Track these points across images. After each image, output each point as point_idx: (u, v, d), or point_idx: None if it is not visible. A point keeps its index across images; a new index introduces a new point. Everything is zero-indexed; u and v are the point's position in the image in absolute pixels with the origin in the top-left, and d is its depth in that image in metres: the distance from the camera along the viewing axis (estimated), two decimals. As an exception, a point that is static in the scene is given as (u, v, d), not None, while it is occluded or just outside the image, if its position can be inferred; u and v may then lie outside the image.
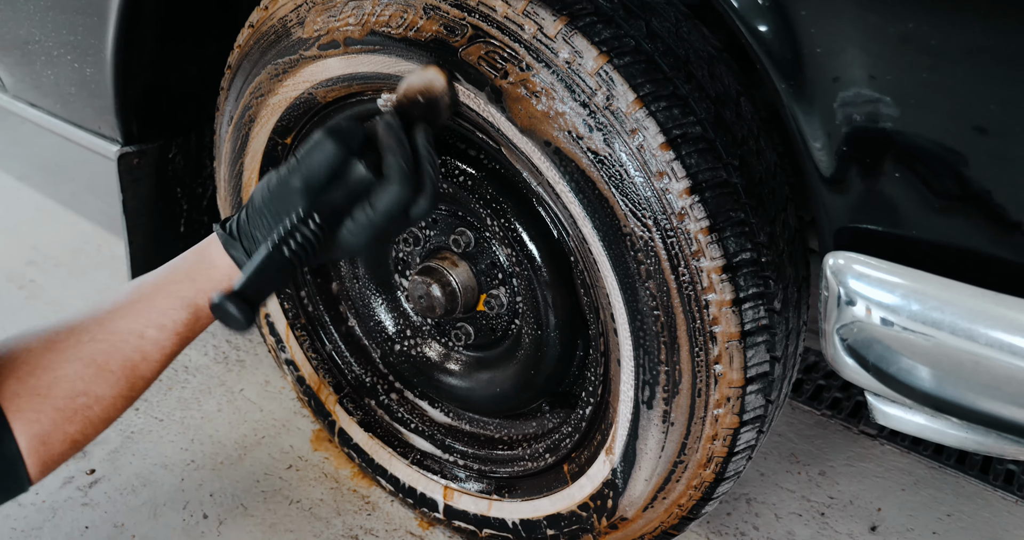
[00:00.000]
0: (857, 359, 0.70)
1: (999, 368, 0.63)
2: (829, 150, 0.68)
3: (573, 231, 0.87)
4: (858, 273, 0.69)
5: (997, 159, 0.62)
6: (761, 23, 0.68)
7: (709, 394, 0.87)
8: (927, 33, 0.60)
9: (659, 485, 0.97)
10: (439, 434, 1.29)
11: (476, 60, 0.84)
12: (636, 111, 0.79)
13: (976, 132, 0.62)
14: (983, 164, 0.63)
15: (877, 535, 1.40)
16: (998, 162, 0.62)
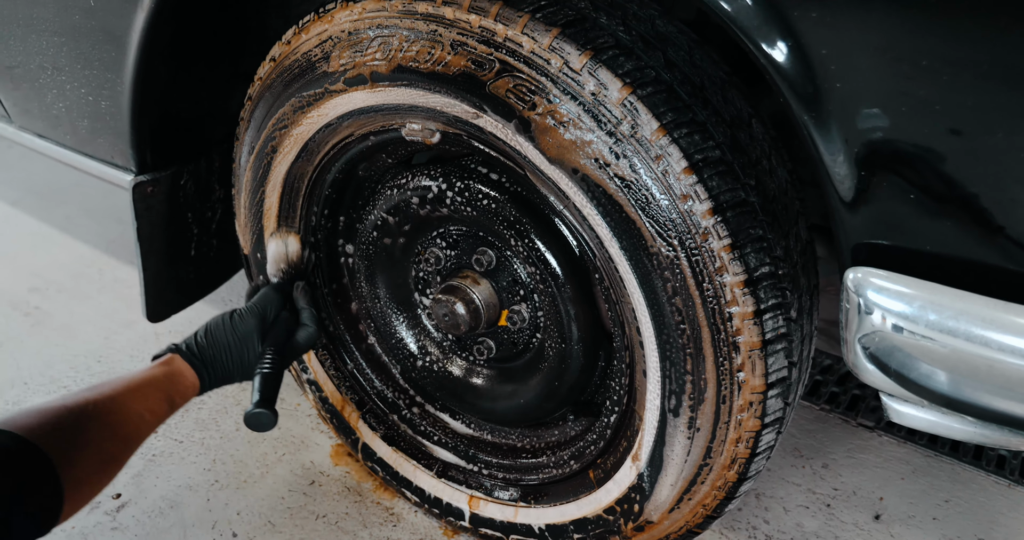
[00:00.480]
0: (879, 366, 0.76)
1: (1011, 370, 0.69)
2: (847, 175, 0.73)
3: (600, 251, 0.92)
4: (877, 286, 0.74)
5: (1002, 178, 0.68)
6: (778, 52, 0.73)
7: (733, 400, 0.92)
8: (938, 56, 0.65)
9: (685, 487, 1.02)
10: (462, 445, 1.33)
11: (504, 93, 0.89)
12: (660, 138, 0.84)
13: (983, 154, 0.68)
14: (990, 184, 0.68)
15: (881, 523, 1.47)
16: (1003, 181, 0.68)
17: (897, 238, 0.75)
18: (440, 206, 1.11)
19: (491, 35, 0.89)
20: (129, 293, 2.04)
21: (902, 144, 0.70)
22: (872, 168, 0.73)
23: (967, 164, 0.69)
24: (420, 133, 1.02)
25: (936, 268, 0.73)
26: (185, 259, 1.60)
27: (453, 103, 0.93)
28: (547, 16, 0.87)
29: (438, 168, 1.10)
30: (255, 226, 1.26)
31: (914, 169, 0.71)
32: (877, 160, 0.72)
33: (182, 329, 1.88)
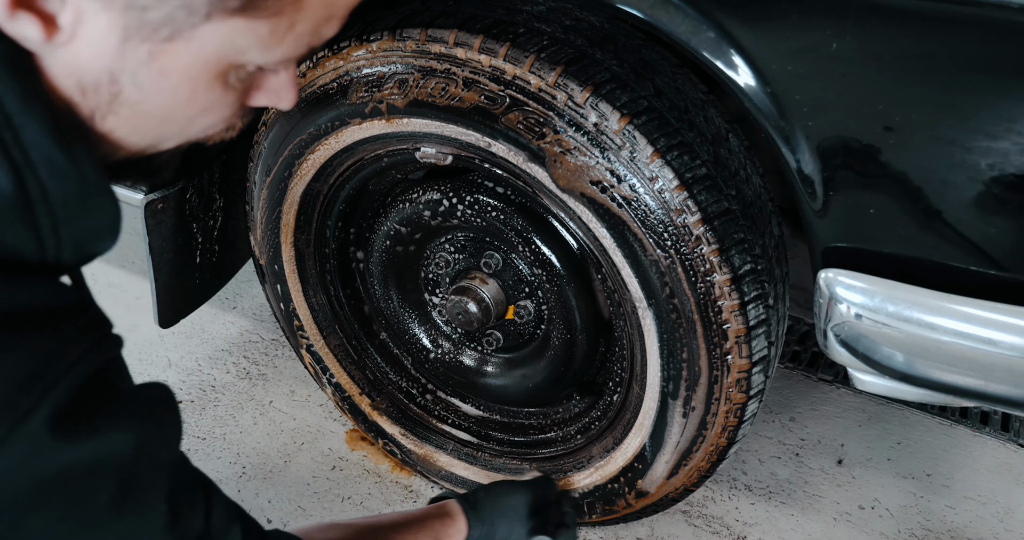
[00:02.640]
0: (848, 349, 0.92)
1: (954, 350, 0.85)
2: (816, 192, 0.88)
3: (604, 259, 1.05)
4: (844, 284, 0.90)
5: (945, 193, 0.83)
6: (742, 75, 0.85)
7: (723, 380, 1.08)
8: (896, 85, 0.79)
9: (681, 456, 1.18)
10: (474, 426, 1.47)
11: (515, 125, 1.00)
12: (654, 161, 0.97)
13: (931, 171, 0.82)
14: (935, 197, 0.83)
15: (843, 467, 1.67)
16: (945, 195, 0.83)
17: (861, 243, 0.90)
18: (451, 218, 1.23)
19: (501, 73, 1.00)
20: (126, 297, 2.10)
21: (858, 163, 0.84)
22: (835, 185, 0.87)
23: (916, 180, 0.83)
24: (434, 156, 1.13)
25: (894, 268, 0.89)
26: (191, 266, 1.68)
27: (467, 133, 1.04)
28: (551, 55, 0.99)
29: (448, 184, 1.21)
30: (272, 241, 1.36)
31: (871, 185, 0.85)
32: (839, 178, 0.86)
33: (183, 329, 1.96)
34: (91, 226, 0.56)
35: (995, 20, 0.69)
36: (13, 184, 0.50)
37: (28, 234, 0.53)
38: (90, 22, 0.49)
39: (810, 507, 1.57)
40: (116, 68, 0.52)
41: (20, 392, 0.51)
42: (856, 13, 0.75)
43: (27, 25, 0.48)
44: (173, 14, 0.50)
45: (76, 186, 0.53)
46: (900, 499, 1.59)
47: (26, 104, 0.50)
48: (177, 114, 0.56)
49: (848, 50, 0.77)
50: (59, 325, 0.55)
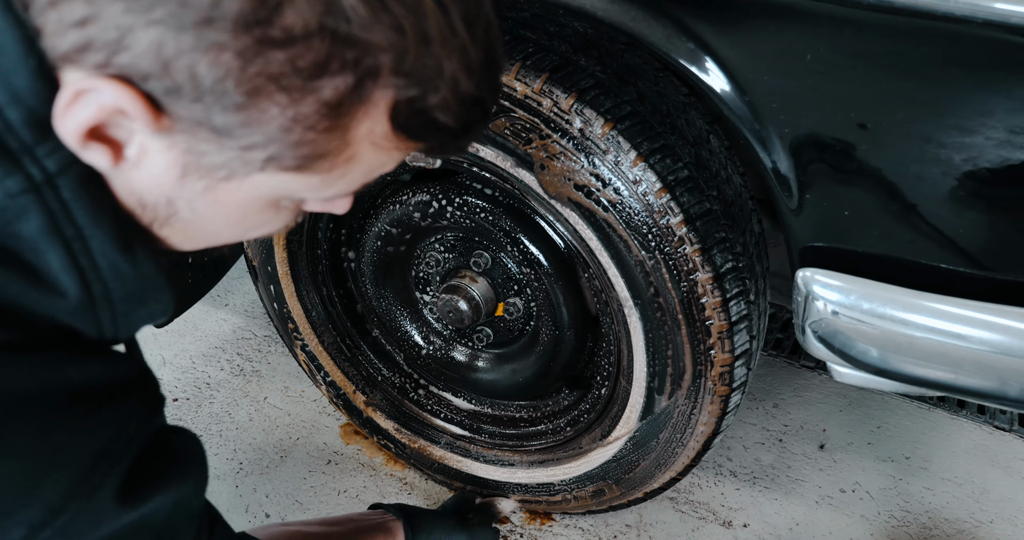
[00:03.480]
0: (825, 344, 0.96)
1: (924, 345, 0.89)
2: (792, 194, 0.91)
3: (591, 259, 1.09)
4: (821, 282, 0.93)
5: (916, 195, 0.86)
6: (716, 80, 0.88)
7: (707, 374, 1.11)
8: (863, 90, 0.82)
9: (668, 447, 1.22)
10: (466, 419, 1.50)
11: (503, 131, 1.03)
12: (638, 165, 1.01)
13: (901, 174, 0.86)
14: (907, 199, 0.87)
15: (825, 451, 1.72)
16: (916, 196, 0.86)
17: (836, 243, 0.93)
18: (440, 219, 1.26)
19: (487, 81, 1.02)
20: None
21: (831, 165, 0.88)
22: (810, 187, 0.90)
23: (888, 182, 0.87)
24: (423, 160, 1.15)
25: (869, 266, 0.93)
26: (184, 266, 1.71)
27: (455, 138, 1.07)
28: (536, 63, 1.01)
29: (437, 185, 1.24)
30: (265, 243, 1.38)
31: (844, 187, 0.89)
32: (813, 180, 0.90)
33: (177, 327, 1.98)
34: (146, 314, 0.61)
35: (959, 33, 0.72)
36: (79, 286, 0.55)
37: (89, 325, 0.58)
38: (153, 156, 0.53)
39: (793, 491, 1.62)
40: (174, 196, 0.56)
41: (93, 468, 0.57)
42: (828, 24, 0.78)
43: (97, 154, 0.52)
44: (230, 163, 0.53)
45: (135, 284, 0.58)
46: (880, 482, 1.65)
47: (96, 219, 0.55)
48: (229, 231, 0.60)
49: (821, 58, 0.80)
50: (125, 398, 0.61)
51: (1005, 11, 0.69)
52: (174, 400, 1.79)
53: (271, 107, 0.50)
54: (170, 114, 0.50)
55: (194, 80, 0.48)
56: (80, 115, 0.50)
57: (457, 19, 0.52)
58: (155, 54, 0.48)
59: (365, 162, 0.56)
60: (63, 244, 0.54)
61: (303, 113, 0.51)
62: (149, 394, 0.63)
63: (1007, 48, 0.71)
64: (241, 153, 0.52)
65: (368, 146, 0.54)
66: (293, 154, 0.53)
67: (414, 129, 0.55)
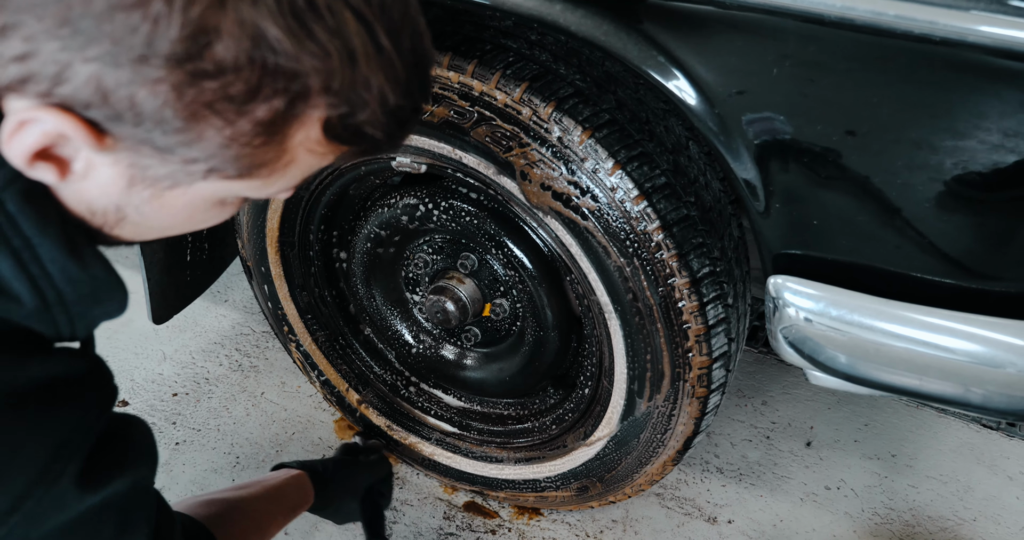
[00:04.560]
0: (795, 350, 0.98)
1: (891, 351, 0.91)
2: (762, 204, 0.93)
3: (572, 264, 1.11)
4: (792, 290, 0.96)
5: (879, 208, 0.88)
6: (686, 93, 0.90)
7: (685, 377, 1.14)
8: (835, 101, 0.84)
9: (649, 446, 1.25)
10: (455, 416, 1.53)
11: (483, 138, 1.05)
12: (615, 172, 1.03)
13: (867, 187, 0.88)
14: (871, 211, 0.89)
15: (812, 449, 1.74)
16: (880, 209, 0.88)
17: (806, 250, 0.95)
18: (427, 222, 1.28)
19: (469, 90, 1.04)
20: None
21: (798, 177, 0.90)
22: (779, 197, 0.92)
23: (853, 194, 0.89)
24: (409, 165, 1.18)
25: (838, 274, 0.95)
26: (182, 265, 1.74)
27: (439, 145, 1.09)
28: (516, 72, 1.03)
29: (424, 189, 1.26)
30: (258, 244, 1.41)
31: (812, 198, 0.91)
32: (782, 191, 0.92)
33: (177, 323, 2.02)
34: (101, 312, 0.64)
35: (918, 50, 0.74)
36: (31, 293, 0.59)
37: (47, 327, 0.61)
38: (100, 170, 0.57)
39: (778, 488, 1.65)
40: (122, 203, 0.60)
41: (55, 458, 0.62)
42: (794, 39, 0.80)
43: (44, 171, 0.56)
44: (174, 174, 0.57)
45: (88, 287, 0.61)
46: (865, 479, 1.67)
47: (42, 228, 0.58)
48: (176, 228, 0.65)
49: (786, 72, 0.82)
50: (82, 392, 0.65)
51: (961, 29, 0.70)
52: (173, 395, 1.83)
53: (208, 129, 0.53)
54: (113, 135, 0.54)
55: (134, 108, 0.52)
56: (25, 141, 0.53)
57: (382, 34, 0.54)
58: (95, 86, 0.51)
59: (302, 164, 0.60)
60: (12, 254, 0.57)
61: (240, 132, 0.54)
62: (104, 387, 0.68)
63: (963, 65, 0.73)
64: (184, 166, 0.56)
65: (304, 152, 0.58)
66: (233, 165, 0.56)
67: (347, 138, 0.58)
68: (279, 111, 0.53)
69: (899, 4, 0.71)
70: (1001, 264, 0.85)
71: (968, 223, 0.85)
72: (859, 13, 0.73)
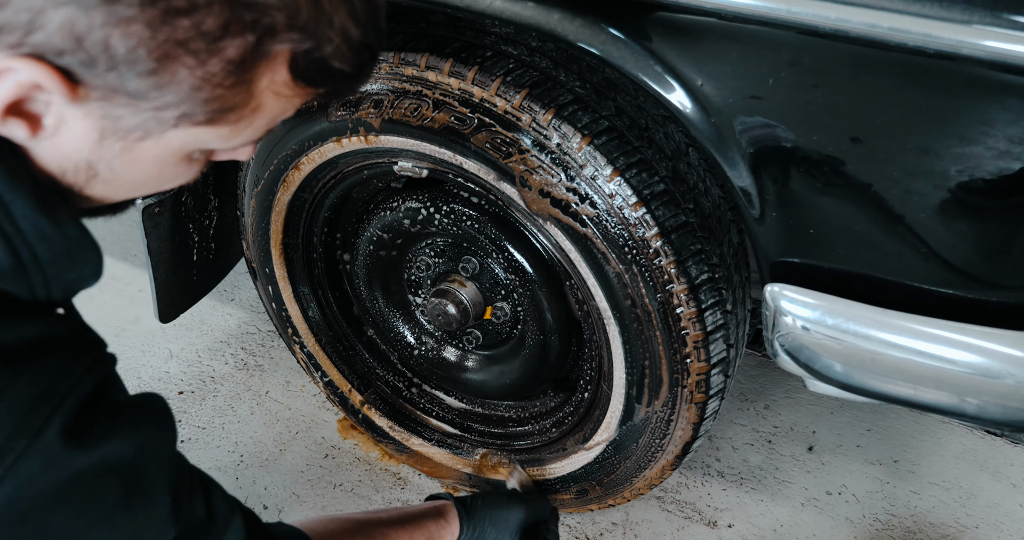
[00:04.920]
0: (792, 358, 0.98)
1: (887, 361, 0.91)
2: (761, 212, 0.94)
3: (572, 270, 1.12)
4: (788, 298, 0.96)
5: (875, 218, 0.88)
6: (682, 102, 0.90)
7: (683, 383, 1.14)
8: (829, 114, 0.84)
9: (647, 451, 1.25)
10: (457, 418, 1.54)
11: (483, 145, 1.06)
12: (614, 179, 1.03)
13: (860, 199, 0.88)
14: (867, 221, 0.89)
15: (814, 453, 1.74)
16: (875, 219, 0.88)
17: (802, 259, 0.96)
18: (429, 225, 1.29)
19: (469, 96, 1.05)
20: (128, 290, 2.18)
21: (794, 187, 0.90)
22: (775, 206, 0.93)
23: (849, 202, 0.89)
24: (410, 170, 1.19)
25: (835, 282, 0.95)
26: (189, 264, 1.75)
27: (440, 150, 1.10)
28: (516, 79, 1.04)
29: (426, 193, 1.27)
30: (263, 246, 1.42)
31: (807, 207, 0.91)
32: (778, 200, 0.92)
33: (184, 321, 2.04)
34: (76, 275, 0.64)
35: (911, 62, 0.74)
36: (5, 251, 0.59)
37: (21, 288, 0.61)
38: (71, 123, 0.58)
39: (779, 493, 1.65)
40: (93, 159, 0.61)
41: (33, 411, 0.60)
42: (790, 50, 0.80)
43: (15, 127, 0.57)
44: (145, 123, 0.59)
45: (62, 247, 0.61)
46: (867, 485, 1.67)
47: (13, 184, 0.58)
48: (147, 184, 0.65)
49: (782, 82, 0.82)
50: (61, 351, 0.63)
51: (954, 41, 0.71)
52: (179, 393, 1.85)
53: (181, 69, 0.55)
54: (85, 84, 0.55)
55: (107, 52, 0.53)
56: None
57: None
58: (68, 31, 0.52)
59: (268, 111, 0.62)
60: None
61: (211, 72, 0.56)
62: (89, 347, 0.66)
63: (957, 76, 0.73)
64: (155, 113, 0.58)
65: (271, 96, 0.60)
66: (204, 109, 0.58)
67: (312, 77, 0.61)
68: (248, 48, 0.56)
69: (893, 17, 0.71)
70: (995, 274, 0.85)
71: (964, 232, 0.85)
72: (853, 25, 0.73)
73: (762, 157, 0.87)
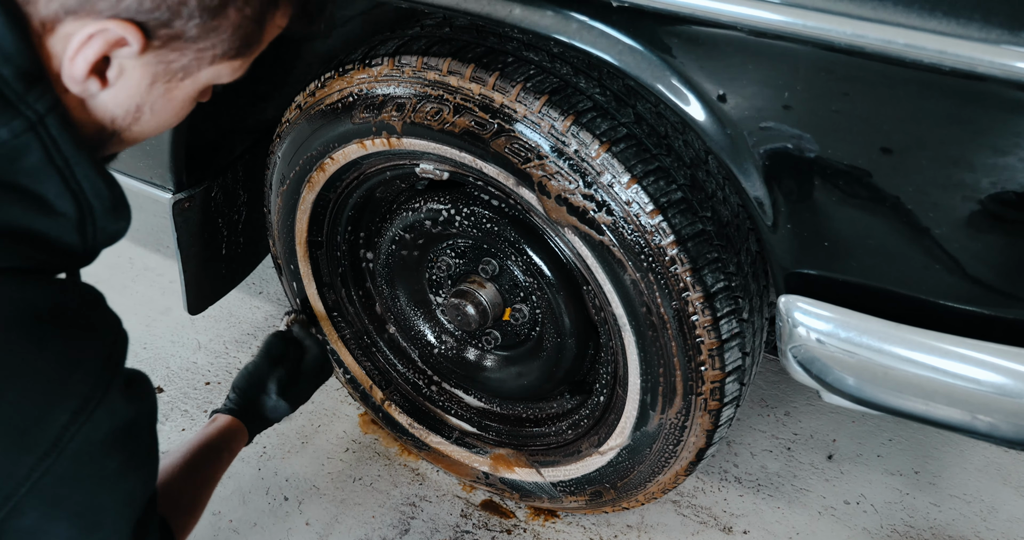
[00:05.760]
0: (804, 370, 0.98)
1: (899, 376, 0.91)
2: (776, 224, 0.94)
3: (589, 276, 1.13)
4: (802, 309, 0.96)
5: (888, 232, 0.88)
6: (710, 121, 0.90)
7: (697, 390, 1.15)
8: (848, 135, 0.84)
9: (661, 457, 1.26)
10: (475, 416, 1.56)
11: (503, 149, 1.07)
12: (631, 186, 1.04)
13: (875, 214, 0.88)
14: (881, 235, 0.89)
15: (833, 462, 1.73)
16: (889, 233, 0.88)
17: (817, 271, 0.95)
18: (449, 226, 1.31)
19: (490, 101, 1.06)
20: (160, 281, 2.23)
21: (809, 200, 0.90)
22: (790, 218, 0.93)
23: (863, 215, 0.89)
24: (432, 172, 1.20)
25: (850, 295, 0.95)
26: (217, 258, 1.79)
27: (460, 154, 1.12)
28: (536, 85, 1.05)
29: (447, 195, 1.29)
30: (288, 243, 1.45)
31: (821, 220, 0.91)
32: (793, 213, 0.92)
33: (213, 313, 2.09)
34: (116, 229, 0.75)
35: (925, 79, 0.74)
36: (74, 206, 0.70)
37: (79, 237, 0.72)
38: (129, 73, 0.69)
39: (796, 501, 1.64)
40: (142, 102, 0.72)
41: (105, 367, 0.72)
42: (806, 64, 0.80)
43: (93, 83, 0.68)
44: (189, 64, 0.70)
45: (110, 202, 0.72)
46: (886, 495, 1.65)
47: (77, 149, 0.68)
48: (169, 123, 0.77)
49: (798, 96, 0.82)
50: (110, 315, 0.76)
51: (970, 59, 0.70)
52: (206, 383, 1.89)
53: (232, 11, 0.68)
54: (155, 36, 0.66)
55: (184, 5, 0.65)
56: (88, 54, 0.65)
57: None
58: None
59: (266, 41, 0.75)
60: (58, 172, 0.67)
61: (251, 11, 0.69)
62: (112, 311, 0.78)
63: (970, 93, 0.73)
64: (198, 53, 0.69)
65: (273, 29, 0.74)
66: (236, 46, 0.70)
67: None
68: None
69: (909, 33, 0.71)
70: (1007, 289, 0.84)
71: (980, 247, 0.84)
72: (870, 41, 0.73)
73: (776, 169, 0.87)
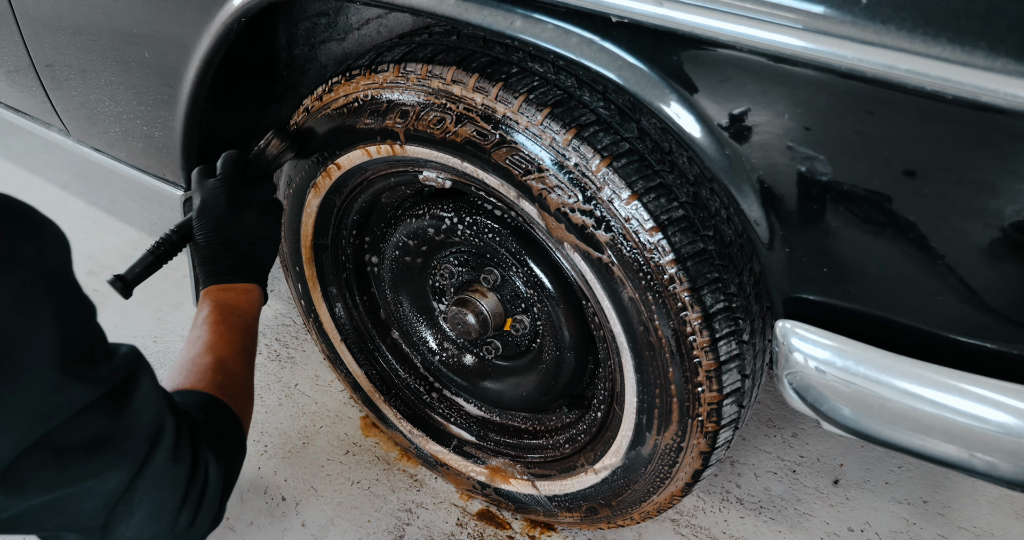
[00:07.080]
0: (800, 397, 0.96)
1: (895, 408, 0.88)
2: (774, 248, 0.91)
3: (589, 292, 1.11)
4: (799, 336, 0.93)
5: (888, 259, 0.85)
6: (708, 141, 0.88)
7: (694, 412, 1.12)
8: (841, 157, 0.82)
9: (655, 477, 1.24)
10: (474, 425, 1.55)
11: (504, 161, 1.06)
12: (631, 203, 1.02)
13: (875, 239, 0.85)
14: (881, 262, 0.86)
15: (839, 487, 1.69)
16: (889, 260, 0.86)
17: (815, 297, 0.93)
18: (452, 235, 1.30)
19: (492, 112, 1.05)
20: (174, 275, 2.25)
21: (809, 222, 0.88)
22: (789, 243, 0.90)
23: (862, 241, 0.86)
24: (434, 180, 1.20)
25: (847, 323, 0.92)
26: (227, 255, 1.81)
27: (462, 163, 1.11)
28: (539, 97, 1.04)
29: (450, 203, 1.28)
30: (293, 245, 1.46)
31: (821, 243, 0.89)
32: (791, 234, 0.90)
33: (225, 310, 2.10)
34: None
35: (926, 107, 0.71)
36: None
37: None
38: None
39: (799, 525, 1.61)
40: None
41: None
42: (806, 87, 0.78)
43: None
44: None
45: None
46: (891, 524, 1.61)
47: None
48: None
49: (798, 118, 0.80)
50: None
51: (974, 87, 0.68)
52: (213, 380, 1.90)
53: None
54: None
55: None
56: None
57: None
58: None
59: None
60: None
61: None
62: None
63: (973, 122, 0.70)
64: None
65: None
66: None
67: None
68: None
69: (911, 59, 0.68)
70: (1012, 324, 0.81)
71: (983, 277, 0.81)
72: (870, 65, 0.71)
73: (775, 191, 0.85)
